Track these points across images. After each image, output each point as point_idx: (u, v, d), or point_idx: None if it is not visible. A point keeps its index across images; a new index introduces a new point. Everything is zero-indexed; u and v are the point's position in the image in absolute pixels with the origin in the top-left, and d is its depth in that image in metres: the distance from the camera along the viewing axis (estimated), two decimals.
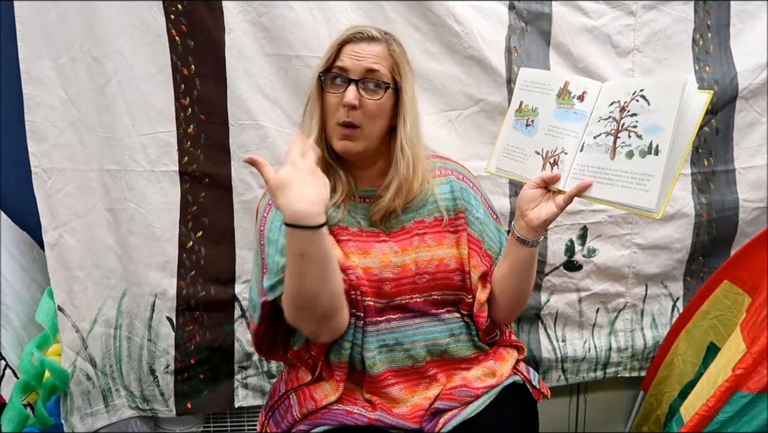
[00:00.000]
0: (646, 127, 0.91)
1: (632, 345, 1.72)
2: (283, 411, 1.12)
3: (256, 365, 1.58)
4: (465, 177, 1.17)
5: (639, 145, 0.91)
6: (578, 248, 1.64)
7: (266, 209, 1.09)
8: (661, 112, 0.90)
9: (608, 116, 0.96)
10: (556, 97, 1.04)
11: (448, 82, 1.52)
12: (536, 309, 1.66)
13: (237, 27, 1.42)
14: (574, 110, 1.01)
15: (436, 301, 1.10)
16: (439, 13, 1.46)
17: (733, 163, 1.68)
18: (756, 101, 1.64)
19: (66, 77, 1.40)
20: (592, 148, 0.97)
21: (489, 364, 1.13)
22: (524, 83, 1.10)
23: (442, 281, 1.10)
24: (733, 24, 1.64)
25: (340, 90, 1.03)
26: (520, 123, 1.09)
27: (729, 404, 1.18)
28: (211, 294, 1.51)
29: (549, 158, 1.02)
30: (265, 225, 1.07)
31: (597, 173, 0.96)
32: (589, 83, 1.01)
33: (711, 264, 1.70)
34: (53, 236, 1.44)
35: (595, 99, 0.99)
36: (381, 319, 1.08)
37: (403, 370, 1.08)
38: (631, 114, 0.93)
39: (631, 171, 0.92)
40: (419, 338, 1.09)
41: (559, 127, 1.02)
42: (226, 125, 1.45)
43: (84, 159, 1.44)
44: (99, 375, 1.52)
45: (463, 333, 1.12)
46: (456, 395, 1.07)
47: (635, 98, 0.93)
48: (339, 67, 1.04)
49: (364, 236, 1.08)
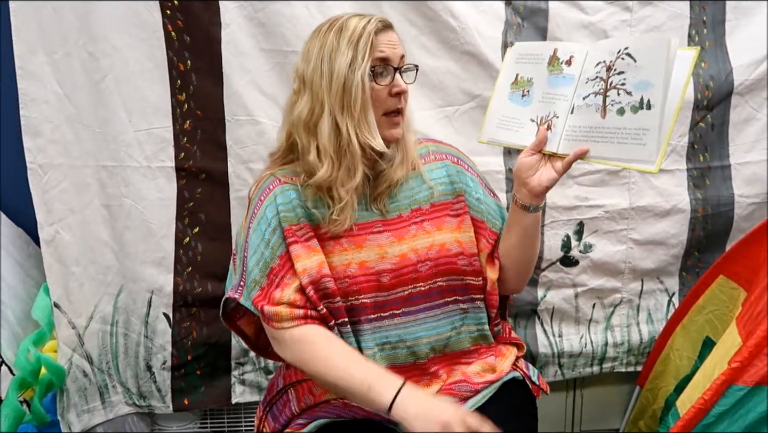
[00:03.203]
0: (635, 84, 0.92)
1: (628, 340, 1.72)
2: (281, 406, 1.12)
3: (253, 361, 1.58)
4: (459, 159, 1.16)
5: (629, 102, 0.92)
6: (575, 243, 1.64)
7: (257, 205, 1.07)
8: (648, 68, 0.91)
9: (595, 77, 0.97)
10: (547, 65, 1.05)
11: (444, 77, 1.52)
12: (533, 305, 1.67)
13: (233, 22, 1.41)
14: (563, 75, 1.03)
15: (442, 288, 1.08)
16: (436, 8, 1.46)
17: (728, 159, 1.68)
18: (751, 97, 1.64)
19: (61, 72, 1.39)
20: (582, 110, 0.98)
21: (489, 360, 1.12)
22: (519, 56, 1.11)
23: (445, 266, 1.07)
24: (728, 20, 1.64)
25: (386, 81, 1.02)
26: (515, 95, 1.10)
27: (725, 398, 1.18)
28: (207, 290, 1.51)
29: (543, 124, 1.04)
30: (253, 222, 1.06)
31: (590, 133, 0.97)
32: (576, 47, 1.03)
33: (706, 259, 1.70)
34: (49, 232, 1.43)
35: (583, 62, 1.01)
36: (384, 315, 1.05)
37: (405, 366, 1.06)
38: (618, 72, 0.94)
39: (625, 127, 0.93)
40: (423, 334, 1.07)
41: (551, 93, 1.04)
42: (222, 121, 1.45)
43: (80, 155, 1.44)
44: (95, 371, 1.52)
45: (464, 324, 1.10)
46: (456, 390, 1.07)
47: (620, 57, 0.94)
48: (380, 58, 1.01)
49: (356, 230, 1.06)
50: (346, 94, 0.98)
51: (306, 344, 1.00)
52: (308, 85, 1.02)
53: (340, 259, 1.04)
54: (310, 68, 1.01)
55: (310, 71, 1.01)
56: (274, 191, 1.05)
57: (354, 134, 0.99)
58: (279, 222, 1.03)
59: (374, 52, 1.00)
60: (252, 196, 1.10)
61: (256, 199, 1.08)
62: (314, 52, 1.02)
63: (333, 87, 0.99)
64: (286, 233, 1.03)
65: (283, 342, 1.02)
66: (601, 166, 1.60)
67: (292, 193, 1.04)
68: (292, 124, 1.04)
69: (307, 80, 1.02)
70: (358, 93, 0.98)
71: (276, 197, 1.04)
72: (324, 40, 1.01)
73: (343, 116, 0.99)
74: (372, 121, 1.00)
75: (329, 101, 0.99)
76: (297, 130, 1.03)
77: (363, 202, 1.07)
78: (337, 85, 0.99)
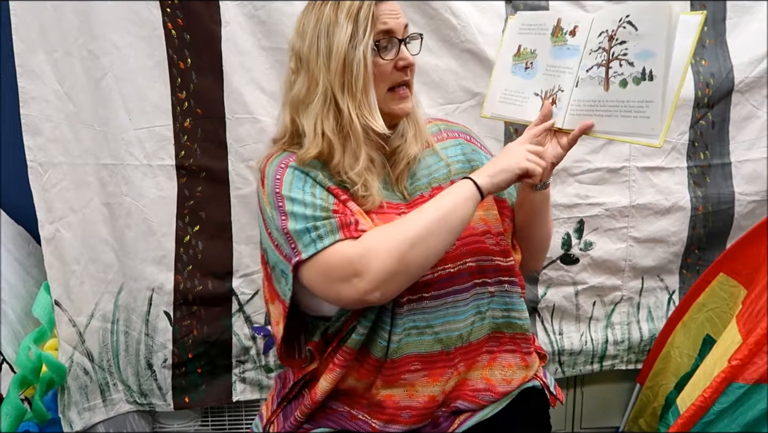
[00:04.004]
0: (636, 54, 0.88)
1: (629, 338, 1.72)
2: (296, 405, 1.07)
3: (253, 359, 1.58)
4: (471, 137, 1.13)
5: (631, 73, 0.89)
6: (575, 241, 1.65)
7: (278, 172, 0.96)
8: (650, 37, 0.87)
9: (598, 47, 0.93)
10: (550, 36, 1.01)
11: (445, 75, 1.52)
12: (533, 303, 1.67)
13: (233, 20, 1.41)
14: (567, 46, 0.99)
15: (472, 269, 1.01)
16: (436, 6, 1.46)
17: (729, 157, 1.68)
18: (752, 94, 1.64)
19: (61, 71, 1.39)
20: (586, 82, 0.95)
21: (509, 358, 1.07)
22: (522, 27, 1.07)
23: (473, 245, 1.01)
24: (729, 18, 1.64)
25: (391, 54, 0.95)
26: (518, 67, 1.06)
27: (725, 395, 1.18)
28: (208, 288, 1.51)
29: (548, 98, 1.00)
30: (282, 187, 0.94)
31: (594, 107, 0.94)
32: (580, 16, 0.99)
33: (707, 257, 1.70)
34: (49, 230, 1.43)
35: (587, 32, 0.96)
36: (413, 297, 0.98)
37: (431, 355, 0.99)
38: (620, 42, 0.90)
39: (628, 99, 0.89)
40: (450, 319, 1.00)
41: (555, 66, 1.00)
42: (222, 119, 1.45)
43: (80, 153, 1.43)
44: (96, 370, 1.52)
45: (489, 309, 1.04)
46: (479, 398, 1.04)
47: (622, 25, 0.90)
48: (383, 31, 0.94)
49: (386, 208, 0.98)
50: (347, 72, 0.91)
51: (383, 230, 0.92)
52: (305, 63, 0.94)
53: None
54: (306, 45, 0.94)
55: (306, 48, 0.94)
56: (292, 164, 0.96)
57: (356, 115, 0.92)
58: (316, 181, 0.94)
59: (376, 24, 0.92)
60: (265, 169, 0.99)
61: (274, 169, 0.97)
62: (310, 28, 0.94)
63: (332, 65, 0.91)
64: (332, 191, 0.94)
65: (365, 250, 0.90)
66: (602, 164, 1.60)
67: (317, 163, 0.96)
68: (291, 105, 0.98)
69: (303, 58, 0.94)
70: (360, 71, 0.90)
71: (296, 168, 0.95)
72: (320, 14, 0.93)
73: (343, 95, 0.92)
74: (373, 101, 0.93)
75: (328, 80, 0.92)
76: (296, 113, 0.97)
77: (385, 184, 1.01)
78: (337, 62, 0.91)
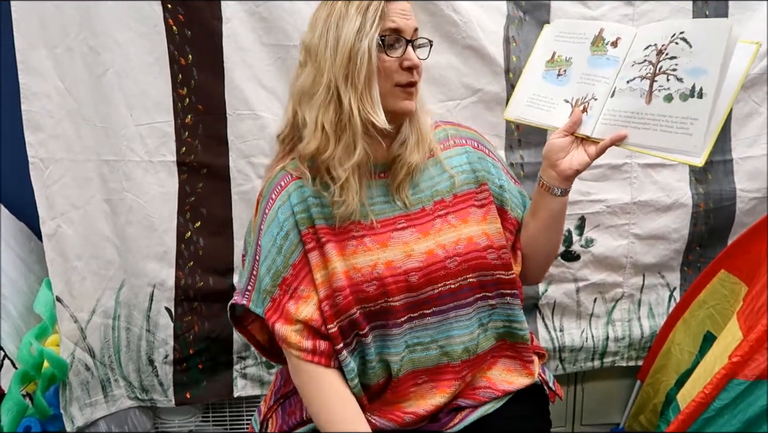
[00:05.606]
0: (687, 70, 0.87)
1: (629, 335, 1.72)
2: (294, 402, 1.08)
3: (254, 355, 1.58)
4: (480, 144, 1.11)
5: (679, 89, 0.88)
6: (576, 238, 1.64)
7: (268, 204, 1.01)
8: (704, 55, 0.85)
9: (643, 60, 0.93)
10: (590, 45, 1.01)
11: (446, 72, 1.52)
12: (534, 299, 1.67)
13: (234, 17, 1.41)
14: (606, 57, 0.98)
15: (472, 285, 1.02)
16: (438, 3, 1.46)
17: (730, 154, 1.68)
18: (754, 91, 1.64)
19: (62, 67, 1.39)
20: (625, 93, 0.94)
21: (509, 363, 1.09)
22: (559, 34, 1.07)
23: (475, 261, 1.01)
24: (731, 14, 1.63)
25: (397, 53, 0.95)
26: (551, 73, 1.06)
27: (725, 391, 1.18)
28: (209, 284, 1.51)
29: (578, 106, 0.99)
30: (264, 223, 1.00)
31: (631, 118, 0.93)
32: (624, 29, 0.98)
33: (708, 254, 1.70)
34: (51, 226, 1.44)
35: (629, 44, 0.96)
36: (414, 315, 1.00)
37: (438, 368, 1.02)
38: (670, 57, 0.89)
39: (671, 115, 0.88)
40: (455, 333, 1.02)
41: (591, 75, 1.00)
42: (223, 115, 1.45)
43: (81, 149, 1.44)
44: (98, 365, 1.52)
45: (491, 321, 1.06)
46: (480, 396, 1.05)
47: (674, 41, 0.89)
48: (391, 29, 0.94)
49: (380, 227, 1.00)
50: (351, 63, 0.91)
51: (312, 381, 0.98)
52: (312, 54, 0.95)
53: (365, 260, 0.98)
54: (315, 36, 0.95)
55: (315, 40, 0.95)
56: (287, 189, 1.00)
57: (356, 108, 0.92)
58: (294, 224, 0.98)
59: (385, 20, 0.93)
60: (262, 191, 1.04)
61: (267, 197, 1.02)
62: (321, 20, 0.95)
63: (338, 56, 0.92)
64: (304, 238, 0.98)
65: (290, 363, 1.00)
66: (603, 160, 1.59)
67: (307, 191, 0.99)
68: (295, 97, 0.99)
69: (311, 50, 0.95)
70: (363, 62, 0.91)
71: (290, 196, 0.99)
72: (332, 8, 0.95)
73: (346, 87, 0.92)
74: (376, 95, 0.93)
75: (332, 71, 0.92)
76: (298, 103, 0.98)
77: (385, 195, 1.02)
78: (342, 54, 0.92)
